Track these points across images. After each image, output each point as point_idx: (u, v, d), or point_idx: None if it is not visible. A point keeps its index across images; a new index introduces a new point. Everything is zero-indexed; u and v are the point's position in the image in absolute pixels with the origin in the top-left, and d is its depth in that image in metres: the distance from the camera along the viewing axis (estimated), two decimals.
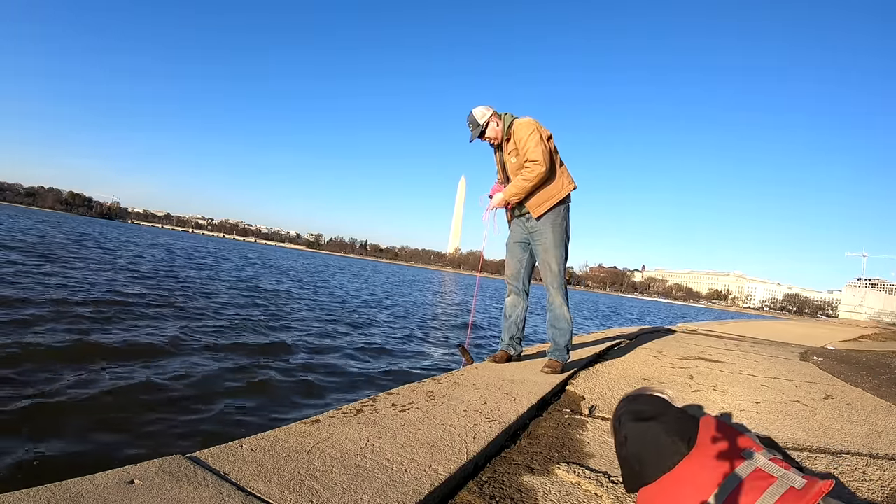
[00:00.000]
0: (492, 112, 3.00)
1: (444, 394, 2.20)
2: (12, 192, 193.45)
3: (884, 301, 50.40)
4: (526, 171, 2.90)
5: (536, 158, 2.87)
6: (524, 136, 2.91)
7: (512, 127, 2.97)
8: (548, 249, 3.00)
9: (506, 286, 3.21)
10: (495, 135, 3.03)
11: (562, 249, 3.03)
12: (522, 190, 2.94)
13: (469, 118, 3.01)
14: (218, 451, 1.33)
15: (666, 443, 0.95)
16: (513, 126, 2.97)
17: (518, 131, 2.94)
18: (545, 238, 3.00)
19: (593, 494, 1.40)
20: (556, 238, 3.00)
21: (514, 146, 2.96)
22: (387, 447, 1.50)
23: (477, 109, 3.01)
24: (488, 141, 3.07)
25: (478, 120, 2.98)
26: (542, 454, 1.70)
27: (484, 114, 2.98)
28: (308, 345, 5.53)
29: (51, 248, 13.13)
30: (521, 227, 3.11)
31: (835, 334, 12.53)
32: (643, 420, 1.06)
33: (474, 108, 3.02)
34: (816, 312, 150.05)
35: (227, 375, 3.81)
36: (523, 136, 2.91)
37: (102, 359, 3.74)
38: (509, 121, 2.99)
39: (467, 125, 3.03)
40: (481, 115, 2.98)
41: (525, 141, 2.90)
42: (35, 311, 4.93)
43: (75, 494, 1.01)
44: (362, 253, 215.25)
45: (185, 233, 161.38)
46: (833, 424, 2.35)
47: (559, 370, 2.91)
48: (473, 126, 3.00)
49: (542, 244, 3.01)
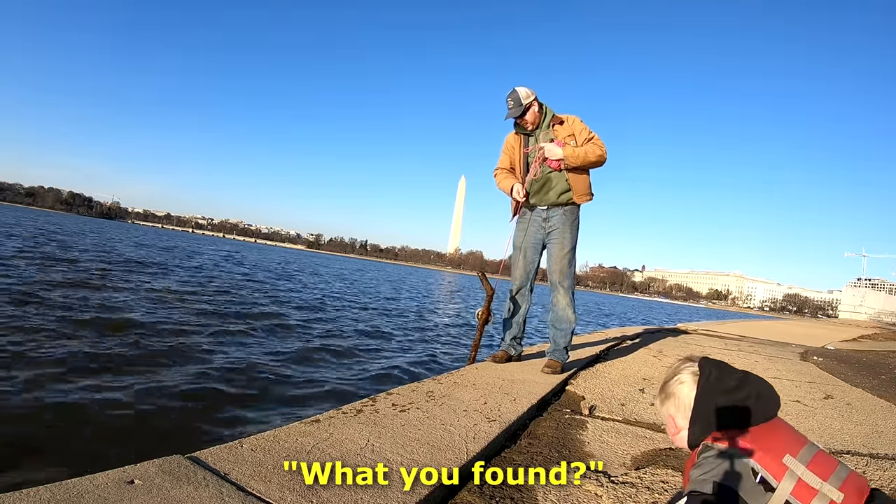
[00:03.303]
0: (534, 97, 2.94)
1: (444, 394, 2.20)
2: (12, 192, 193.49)
3: (884, 301, 50.41)
4: (598, 144, 2.89)
5: (605, 146, 2.90)
6: (584, 127, 2.94)
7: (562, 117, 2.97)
8: (564, 249, 2.98)
9: (511, 285, 3.17)
10: (533, 119, 2.96)
11: (575, 250, 3.03)
12: (591, 155, 2.85)
13: (511, 95, 2.89)
14: (218, 451, 1.33)
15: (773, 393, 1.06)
16: (565, 117, 2.97)
17: (576, 122, 2.95)
18: (564, 238, 2.98)
19: (593, 494, 1.40)
20: (573, 239, 3.00)
21: (571, 132, 2.92)
22: (387, 447, 1.50)
23: (522, 89, 2.89)
24: (523, 124, 2.98)
25: (522, 100, 2.87)
26: (542, 454, 1.70)
27: (528, 95, 2.90)
28: (310, 344, 5.53)
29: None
30: (538, 226, 3.05)
31: (835, 334, 12.53)
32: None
33: (518, 87, 2.89)
34: (816, 312, 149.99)
35: (227, 375, 3.81)
36: (584, 127, 2.94)
37: (103, 359, 3.74)
38: (551, 113, 2.98)
39: (506, 101, 2.91)
40: (526, 97, 2.89)
41: (589, 130, 2.93)
42: (37, 315, 4.93)
43: (75, 494, 1.01)
44: (362, 253, 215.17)
45: (186, 233, 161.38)
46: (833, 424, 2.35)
47: (559, 370, 2.90)
48: (515, 105, 2.89)
49: (560, 243, 2.99)
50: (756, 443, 0.99)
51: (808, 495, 0.91)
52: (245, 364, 4.23)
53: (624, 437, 1.94)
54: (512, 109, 2.90)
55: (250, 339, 5.40)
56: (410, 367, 5.23)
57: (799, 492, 0.92)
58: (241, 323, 6.25)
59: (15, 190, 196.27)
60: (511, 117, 2.95)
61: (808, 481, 0.93)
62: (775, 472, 0.94)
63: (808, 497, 0.91)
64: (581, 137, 2.91)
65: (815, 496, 0.91)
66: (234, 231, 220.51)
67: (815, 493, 0.91)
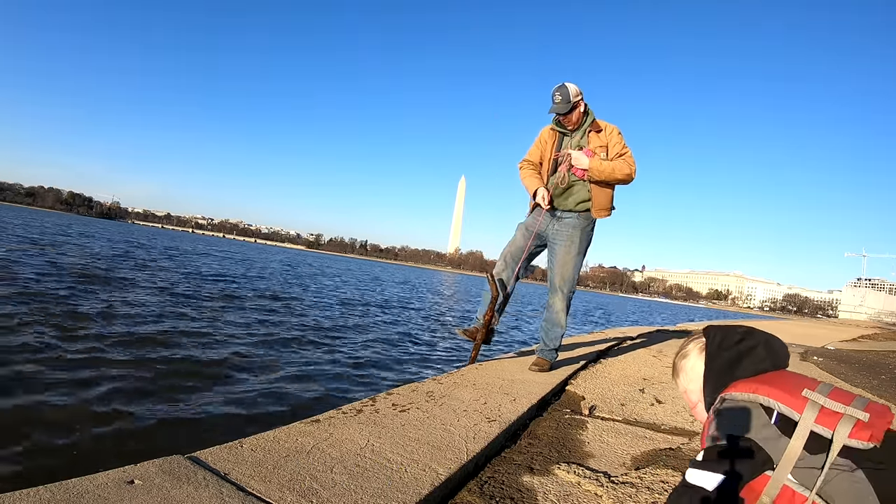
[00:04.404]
0: (582, 96, 2.85)
1: (444, 394, 2.20)
2: (12, 192, 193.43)
3: (884, 301, 50.43)
4: (629, 162, 2.82)
5: (635, 165, 2.84)
6: (620, 140, 2.86)
7: (603, 125, 2.88)
8: (571, 253, 2.93)
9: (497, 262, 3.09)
10: (577, 119, 2.87)
11: (582, 258, 2.98)
12: (618, 173, 2.79)
13: (560, 90, 2.79)
14: (218, 451, 1.33)
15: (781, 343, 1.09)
16: (604, 125, 2.88)
17: (614, 133, 2.87)
18: (573, 241, 2.92)
19: (593, 494, 1.40)
20: (582, 245, 2.95)
21: (604, 143, 2.84)
22: (387, 447, 1.50)
23: (572, 86, 2.80)
24: (565, 122, 2.89)
25: (571, 97, 2.77)
26: (542, 454, 1.70)
27: (578, 94, 2.80)
28: (310, 344, 5.53)
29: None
30: (549, 223, 3.00)
31: (835, 334, 12.52)
32: None
33: (569, 83, 2.80)
34: (816, 312, 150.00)
35: (227, 375, 3.81)
36: (621, 140, 2.86)
37: (103, 359, 3.74)
38: (592, 117, 2.90)
39: (554, 95, 2.81)
40: (575, 94, 2.79)
41: (623, 145, 2.85)
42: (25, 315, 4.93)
43: (75, 494, 1.01)
44: (362, 253, 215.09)
45: (186, 233, 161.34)
46: None
47: (546, 368, 2.92)
48: (563, 101, 2.78)
49: (568, 246, 2.93)
50: (772, 384, 0.99)
51: (832, 420, 0.90)
52: (246, 364, 4.23)
53: (624, 437, 1.94)
54: (559, 105, 2.80)
55: (251, 339, 5.40)
56: (410, 367, 5.23)
57: (823, 419, 0.90)
58: (244, 323, 6.25)
59: (15, 190, 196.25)
60: (555, 112, 2.84)
61: (832, 407, 0.91)
62: (796, 406, 0.93)
63: (833, 422, 0.89)
64: (613, 151, 2.84)
65: (841, 419, 0.89)
66: (234, 231, 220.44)
67: (840, 416, 0.89)
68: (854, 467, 0.87)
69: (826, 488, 0.88)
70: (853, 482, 0.86)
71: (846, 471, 0.87)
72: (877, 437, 0.87)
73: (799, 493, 0.89)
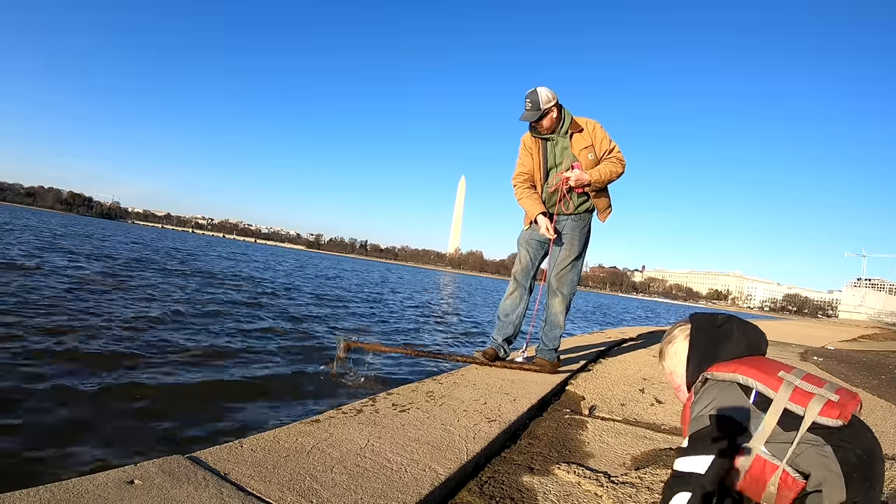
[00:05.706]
0: (555, 101, 2.78)
1: (444, 394, 2.20)
2: (12, 192, 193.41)
3: (884, 301, 50.42)
4: (619, 161, 2.81)
5: (624, 160, 2.84)
6: (605, 136, 2.84)
7: (583, 122, 2.83)
8: (572, 255, 2.93)
9: (508, 283, 3.12)
10: (549, 125, 2.81)
11: (582, 260, 3.00)
12: (613, 175, 2.80)
13: (530, 96, 2.74)
14: (218, 451, 1.33)
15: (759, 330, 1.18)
16: (584, 122, 2.83)
17: (597, 130, 2.83)
18: (574, 244, 2.93)
19: (593, 494, 1.40)
20: (580, 246, 2.96)
21: (589, 142, 2.81)
22: (387, 447, 1.50)
23: (543, 91, 2.74)
24: (538, 128, 2.84)
25: (541, 104, 2.72)
26: (542, 454, 1.70)
27: (549, 100, 2.74)
28: (310, 344, 5.53)
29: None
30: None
31: (835, 334, 12.53)
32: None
33: (540, 89, 2.74)
34: (816, 312, 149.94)
35: (227, 375, 3.81)
36: (606, 136, 2.84)
37: (103, 359, 3.74)
38: (570, 118, 2.84)
39: (525, 102, 2.76)
40: (546, 101, 2.73)
41: (609, 140, 2.83)
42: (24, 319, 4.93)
43: (75, 494, 1.01)
44: (362, 253, 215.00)
45: (186, 233, 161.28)
46: None
47: (546, 368, 2.92)
48: (533, 108, 2.74)
49: (569, 249, 2.94)
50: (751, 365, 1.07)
51: (805, 399, 0.98)
52: (246, 364, 4.22)
53: (624, 437, 1.94)
54: (528, 112, 2.75)
55: (250, 339, 5.40)
56: (410, 367, 5.23)
57: (796, 398, 0.98)
58: (244, 324, 6.25)
59: (15, 190, 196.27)
60: (525, 120, 2.80)
61: (805, 388, 1.00)
62: (772, 385, 1.01)
63: (805, 400, 0.97)
64: (602, 148, 2.81)
65: (813, 399, 0.97)
66: (234, 231, 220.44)
67: (812, 395, 0.98)
68: (823, 443, 0.94)
69: (797, 460, 0.96)
70: (821, 455, 0.94)
71: (816, 445, 0.95)
72: (845, 415, 0.94)
73: (771, 463, 0.97)
